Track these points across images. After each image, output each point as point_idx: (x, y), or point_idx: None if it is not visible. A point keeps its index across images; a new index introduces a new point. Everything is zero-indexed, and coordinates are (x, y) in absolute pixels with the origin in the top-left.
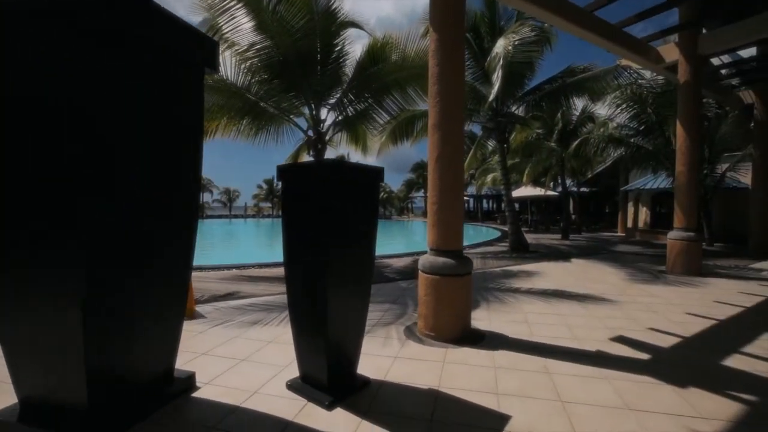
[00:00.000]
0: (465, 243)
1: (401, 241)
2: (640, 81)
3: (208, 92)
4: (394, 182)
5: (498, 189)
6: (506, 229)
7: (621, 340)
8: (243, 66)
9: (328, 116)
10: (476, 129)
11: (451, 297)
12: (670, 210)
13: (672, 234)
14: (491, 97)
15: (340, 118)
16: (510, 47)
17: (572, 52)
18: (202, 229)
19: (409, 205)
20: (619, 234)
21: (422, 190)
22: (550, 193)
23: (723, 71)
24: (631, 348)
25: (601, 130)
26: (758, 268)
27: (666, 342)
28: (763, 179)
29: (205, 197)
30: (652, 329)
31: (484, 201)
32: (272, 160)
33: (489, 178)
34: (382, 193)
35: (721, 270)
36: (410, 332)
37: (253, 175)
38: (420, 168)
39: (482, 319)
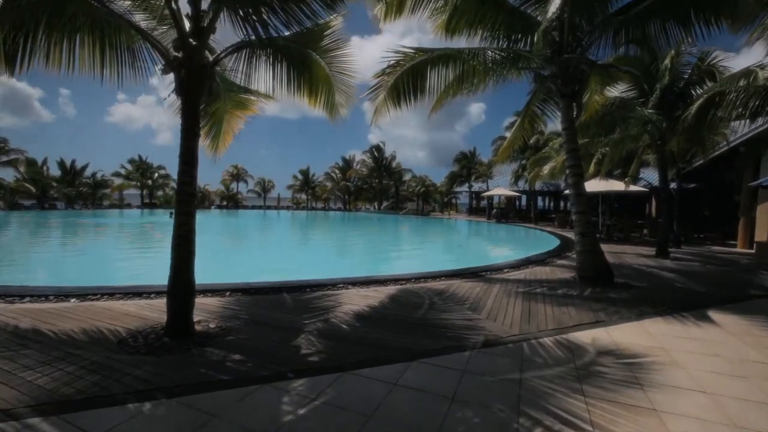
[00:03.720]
0: (506, 256)
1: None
2: None
3: None
4: (436, 176)
5: (556, 184)
6: (569, 236)
7: None
8: None
9: (214, 18)
10: (523, 90)
11: None
12: None
13: None
14: (552, 10)
15: (250, 34)
16: None
17: None
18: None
19: (454, 201)
20: (741, 251)
21: (466, 184)
22: (633, 188)
23: None
24: None
25: (742, 82)
26: None
27: None
28: None
29: (240, 187)
30: None
31: (539, 198)
32: (311, 148)
33: (546, 169)
34: (420, 187)
35: None
36: None
37: (289, 165)
38: (465, 159)
39: None
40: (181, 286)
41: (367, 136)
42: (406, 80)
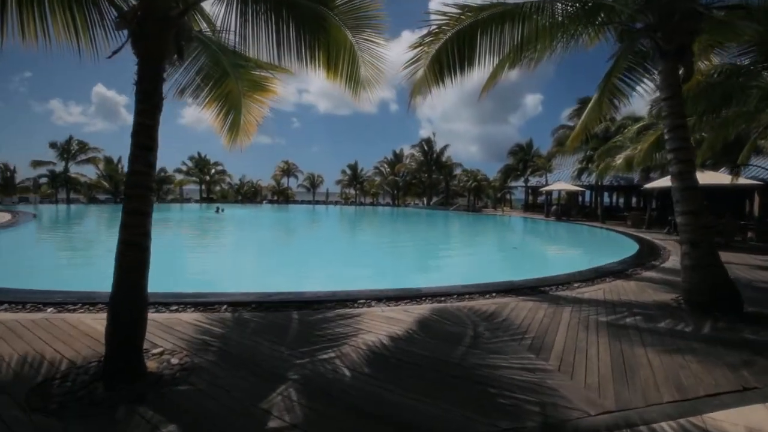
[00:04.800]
0: (572, 262)
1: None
2: None
3: None
4: (489, 171)
5: (628, 178)
6: (648, 238)
7: None
8: None
9: None
10: (594, 65)
11: None
12: None
13: None
14: None
15: None
16: None
17: None
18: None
19: (508, 196)
20: None
21: (522, 179)
22: (741, 181)
23: None
24: None
25: None
26: None
27: None
28: None
29: (291, 182)
30: None
31: (606, 194)
32: (362, 144)
33: (620, 159)
34: (471, 182)
35: None
36: None
37: (339, 161)
38: (521, 151)
39: None
40: (125, 308)
41: (418, 132)
42: (450, 49)
